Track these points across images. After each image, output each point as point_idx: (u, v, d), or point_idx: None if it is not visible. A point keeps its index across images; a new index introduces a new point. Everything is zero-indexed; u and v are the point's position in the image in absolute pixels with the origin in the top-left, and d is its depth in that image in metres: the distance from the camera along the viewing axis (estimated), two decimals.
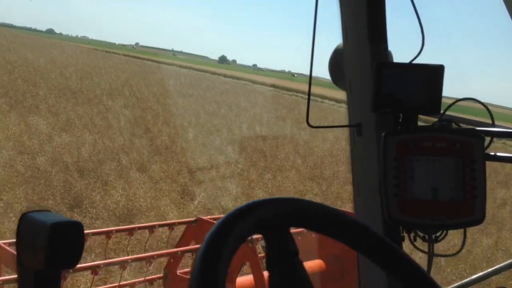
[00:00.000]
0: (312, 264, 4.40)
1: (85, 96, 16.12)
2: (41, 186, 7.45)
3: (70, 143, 9.83)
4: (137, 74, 30.73)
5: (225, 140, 13.14)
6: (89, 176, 8.14)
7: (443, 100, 1.40)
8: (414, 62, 1.43)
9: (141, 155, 9.91)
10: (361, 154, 1.56)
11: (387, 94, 1.35)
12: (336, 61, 1.63)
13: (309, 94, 1.54)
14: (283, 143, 13.80)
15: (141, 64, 48.30)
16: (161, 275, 4.32)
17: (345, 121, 1.62)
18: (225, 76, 61.67)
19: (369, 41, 1.44)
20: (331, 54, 1.65)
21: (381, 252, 0.83)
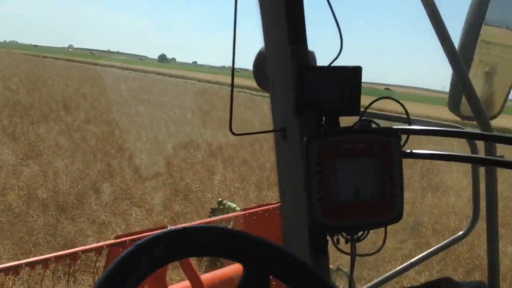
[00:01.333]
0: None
1: (39, 112, 14.60)
2: (21, 234, 6.17)
3: (40, 173, 8.47)
4: (85, 81, 29.33)
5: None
6: (76, 216, 6.91)
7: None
8: (335, 63, 1.43)
9: (126, 181, 8.69)
10: (286, 158, 1.56)
11: (309, 97, 1.35)
12: (260, 64, 1.61)
13: (231, 100, 1.49)
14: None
15: (85, 69, 46.38)
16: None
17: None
18: (174, 76, 60.49)
19: (289, 44, 1.41)
20: (255, 57, 1.63)
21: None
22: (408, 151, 1.40)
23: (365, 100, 1.44)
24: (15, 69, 29.68)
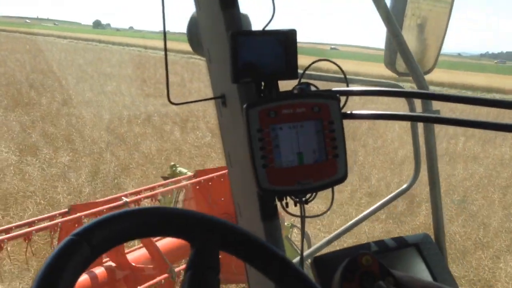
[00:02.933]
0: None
1: (15, 98, 14.07)
2: None
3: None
4: (39, 55, 28.37)
5: None
6: None
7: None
8: (268, 28, 1.37)
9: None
10: (228, 125, 1.55)
11: (245, 63, 1.32)
12: (193, 30, 1.55)
13: (166, 68, 1.45)
14: None
15: (27, 40, 43.83)
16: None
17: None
18: (127, 45, 57.80)
19: (221, 8, 1.37)
20: (188, 23, 1.56)
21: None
22: (348, 112, 1.41)
23: (309, 61, 1.43)
24: None
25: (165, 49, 1.46)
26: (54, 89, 16.57)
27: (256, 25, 1.47)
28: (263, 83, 1.38)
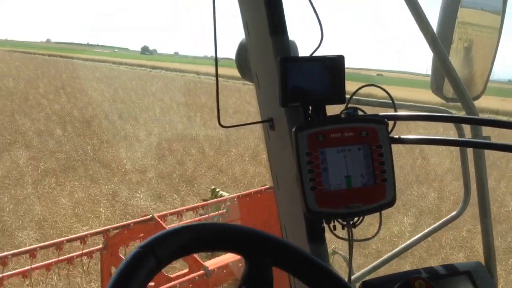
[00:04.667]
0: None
1: (112, 131, 14.48)
2: None
3: None
4: (112, 83, 29.51)
5: None
6: None
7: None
8: (316, 53, 1.43)
9: None
10: (276, 148, 1.58)
11: (294, 88, 1.36)
12: (242, 56, 1.61)
13: (217, 92, 1.52)
14: None
15: (92, 67, 45.89)
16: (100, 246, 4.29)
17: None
18: (181, 71, 59.21)
19: (270, 35, 1.42)
20: (236, 49, 1.62)
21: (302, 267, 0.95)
22: (396, 136, 1.43)
23: (355, 87, 1.47)
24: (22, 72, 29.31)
25: (217, 76, 1.52)
26: (144, 120, 16.77)
27: (302, 50, 1.52)
28: (310, 107, 1.42)
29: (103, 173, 10.07)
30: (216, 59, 1.50)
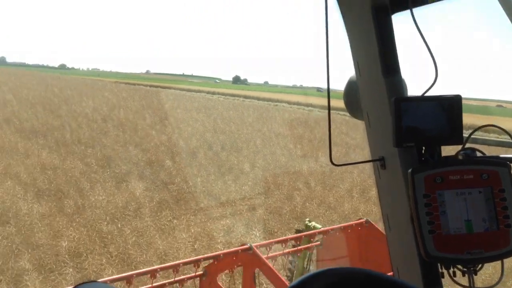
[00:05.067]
0: None
1: (217, 161, 14.89)
2: None
3: None
4: (211, 113, 30.31)
5: None
6: None
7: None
8: (429, 92, 1.40)
9: None
10: (387, 187, 1.54)
11: (408, 128, 1.34)
12: (351, 93, 1.60)
13: (329, 130, 1.49)
14: None
15: (189, 97, 48.22)
16: (200, 272, 4.29)
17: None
18: (277, 101, 60.29)
19: (383, 75, 1.41)
20: (345, 86, 1.63)
21: None
22: None
23: (474, 119, 1.24)
24: (142, 102, 31.35)
25: (329, 115, 1.48)
26: (247, 152, 16.92)
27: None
28: (424, 148, 1.40)
29: (214, 207, 10.15)
30: (328, 96, 1.50)
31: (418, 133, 1.35)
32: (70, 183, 11.00)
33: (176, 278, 4.06)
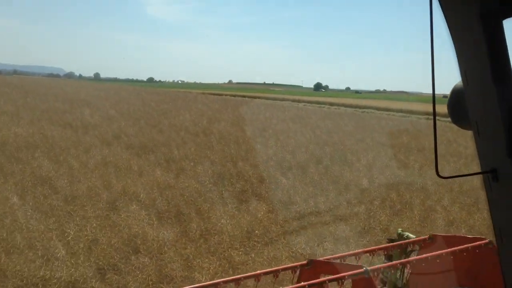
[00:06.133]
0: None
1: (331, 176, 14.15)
2: None
3: None
4: (307, 123, 29.58)
5: None
6: None
7: None
8: None
9: None
10: (500, 200, 1.47)
11: None
12: (456, 102, 1.55)
13: (435, 140, 1.48)
14: None
15: (280, 107, 48.10)
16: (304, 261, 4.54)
17: None
18: (359, 107, 58.44)
19: (493, 83, 1.35)
20: (449, 96, 1.57)
21: None
22: None
23: None
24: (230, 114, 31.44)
25: (434, 120, 1.45)
26: (359, 165, 15.86)
27: None
28: None
29: (341, 229, 9.20)
30: (434, 106, 1.49)
31: None
32: (188, 203, 10.56)
33: None
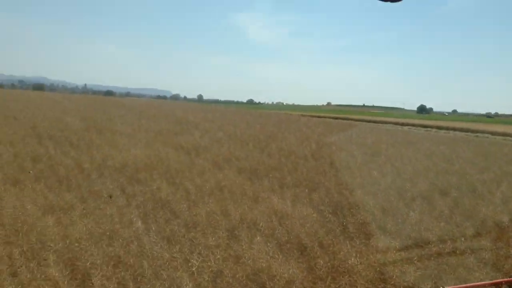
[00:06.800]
0: None
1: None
2: None
3: None
4: (418, 147, 28.38)
5: None
6: None
7: None
8: None
9: None
10: None
11: None
12: None
13: None
14: None
15: (378, 129, 46.59)
16: None
17: None
18: (471, 131, 54.73)
19: None
20: None
21: None
22: None
23: None
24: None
25: None
26: (497, 200, 14.15)
27: None
28: None
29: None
30: None
31: None
32: (310, 235, 9.86)
33: None
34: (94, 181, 13.34)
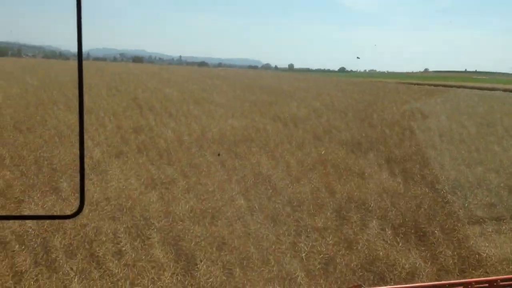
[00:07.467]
0: None
1: None
2: None
3: None
4: None
5: None
6: None
7: None
8: None
9: None
10: None
11: None
12: None
13: None
14: None
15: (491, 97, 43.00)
16: None
17: None
18: None
19: None
20: None
21: None
22: None
23: None
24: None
25: None
26: None
27: None
28: None
29: None
30: None
31: None
32: (429, 218, 8.81)
33: None
34: (194, 154, 13.15)
